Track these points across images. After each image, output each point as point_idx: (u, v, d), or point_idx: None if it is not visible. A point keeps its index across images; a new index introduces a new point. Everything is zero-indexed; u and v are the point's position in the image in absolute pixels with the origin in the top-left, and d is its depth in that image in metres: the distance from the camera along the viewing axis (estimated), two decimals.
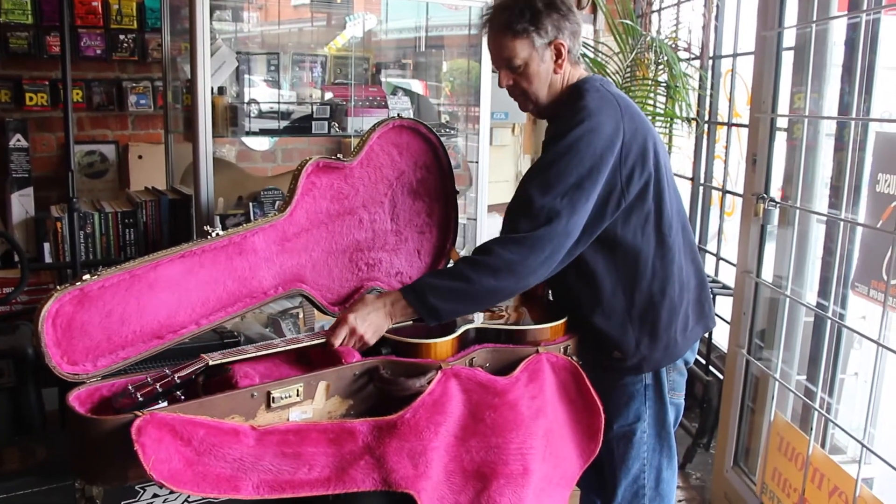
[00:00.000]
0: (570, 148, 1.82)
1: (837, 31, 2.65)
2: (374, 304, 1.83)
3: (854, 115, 2.55)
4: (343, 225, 2.08)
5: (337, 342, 1.78)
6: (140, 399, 1.49)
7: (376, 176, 2.13)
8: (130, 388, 1.52)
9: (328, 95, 3.26)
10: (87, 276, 1.61)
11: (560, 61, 1.95)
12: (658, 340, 1.98)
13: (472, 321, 1.95)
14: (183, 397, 1.55)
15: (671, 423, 2.10)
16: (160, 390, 1.53)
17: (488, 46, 1.99)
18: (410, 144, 2.19)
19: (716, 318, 2.26)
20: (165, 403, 1.53)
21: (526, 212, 1.81)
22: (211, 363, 1.63)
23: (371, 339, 1.81)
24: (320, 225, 2.03)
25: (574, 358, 1.97)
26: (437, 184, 2.25)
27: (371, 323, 1.81)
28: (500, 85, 2.00)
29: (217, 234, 1.81)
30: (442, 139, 2.28)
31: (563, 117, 1.91)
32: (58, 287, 1.59)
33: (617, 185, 1.87)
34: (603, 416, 1.95)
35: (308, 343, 1.79)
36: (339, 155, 2.07)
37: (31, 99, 3.77)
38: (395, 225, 2.18)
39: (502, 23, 1.91)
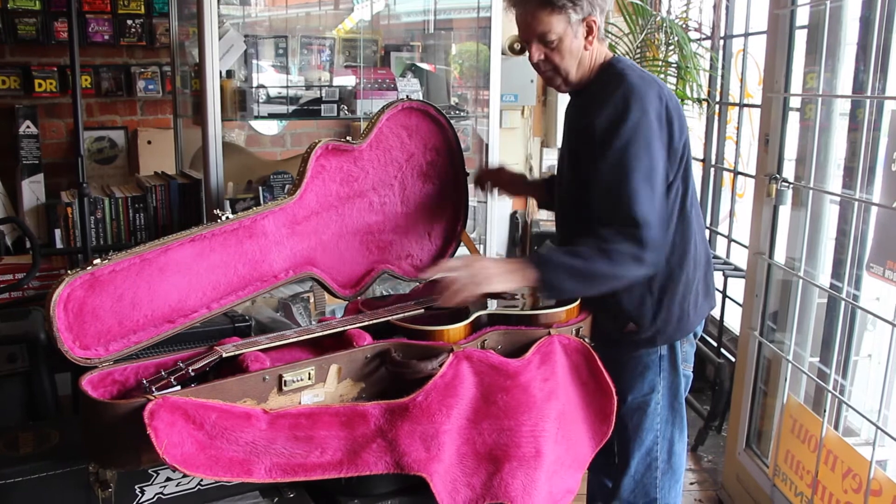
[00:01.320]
0: (639, 138, 1.85)
1: (852, 8, 2.62)
2: (495, 264, 1.86)
3: (869, 94, 2.52)
4: (353, 208, 2.07)
5: (444, 282, 1.81)
6: (155, 393, 1.49)
7: (386, 158, 2.12)
8: (145, 382, 1.52)
9: (337, 79, 3.25)
10: (97, 261, 1.61)
11: (591, 38, 1.94)
12: (672, 314, 2.01)
13: (485, 307, 1.94)
14: (194, 383, 1.55)
15: (683, 395, 2.13)
16: (175, 384, 1.53)
17: (518, 19, 1.95)
18: (420, 126, 2.18)
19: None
20: (178, 387, 1.53)
21: (624, 212, 1.83)
22: (225, 355, 1.63)
23: (472, 291, 1.81)
24: (330, 208, 2.02)
25: (587, 339, 1.96)
26: (447, 166, 2.24)
27: (484, 277, 1.81)
28: (530, 59, 1.98)
29: (227, 218, 1.81)
30: (452, 121, 2.26)
31: (609, 101, 1.89)
32: (69, 272, 1.59)
33: (668, 160, 1.92)
34: (615, 398, 1.95)
35: (320, 333, 1.78)
36: (348, 138, 2.05)
37: (39, 85, 3.77)
38: (405, 207, 2.17)
39: None
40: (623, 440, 2.11)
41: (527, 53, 1.98)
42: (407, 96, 2.27)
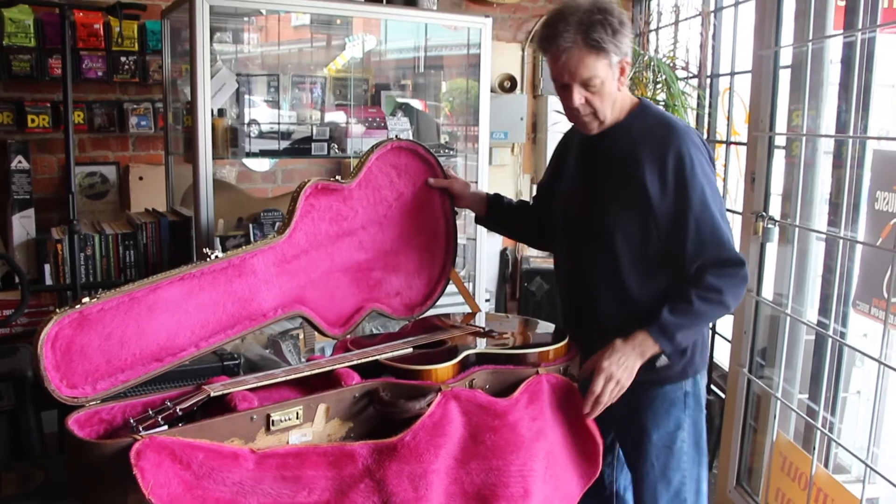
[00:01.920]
0: (708, 180, 1.91)
1: (834, 50, 2.67)
2: (623, 349, 1.88)
3: (851, 133, 2.56)
4: (342, 246, 2.08)
5: (597, 389, 1.86)
6: (142, 432, 1.49)
7: (375, 197, 2.14)
8: (133, 421, 1.52)
9: (328, 116, 3.27)
10: (86, 299, 1.61)
11: (623, 79, 1.93)
12: (697, 345, 2.02)
13: (473, 346, 1.94)
14: (181, 423, 1.55)
15: (705, 431, 2.10)
16: (162, 423, 1.52)
17: (558, 63, 1.89)
18: (409, 165, 2.20)
19: None
20: (166, 427, 1.52)
21: (725, 255, 1.90)
22: (213, 394, 1.63)
23: (627, 382, 1.88)
24: (319, 246, 2.03)
25: (574, 377, 1.97)
26: (436, 204, 2.26)
27: (627, 367, 1.87)
28: (568, 104, 1.94)
29: (216, 257, 1.81)
30: (441, 159, 2.28)
31: (668, 149, 1.89)
32: (57, 310, 1.59)
33: None
34: (600, 441, 1.95)
35: (308, 373, 1.78)
36: (337, 177, 2.07)
37: (32, 121, 3.77)
38: (394, 246, 2.18)
39: (589, 41, 1.83)
40: (650, 481, 2.05)
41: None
42: (396, 136, 2.29)
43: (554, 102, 4.83)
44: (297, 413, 1.66)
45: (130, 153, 4.13)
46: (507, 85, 4.85)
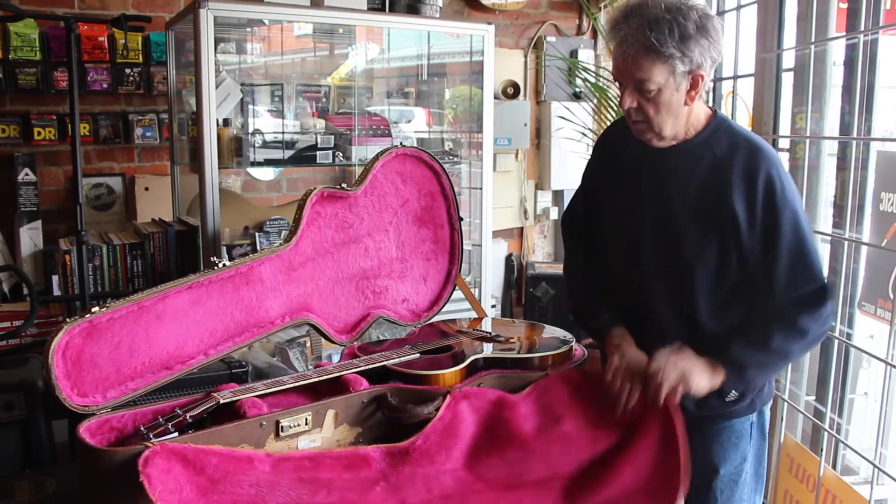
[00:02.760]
0: (798, 203, 1.76)
1: (836, 52, 2.68)
2: (689, 358, 1.74)
3: (855, 135, 2.57)
4: (349, 253, 2.09)
5: (668, 383, 1.72)
6: (153, 440, 1.50)
7: (381, 204, 2.15)
8: (143, 429, 1.53)
9: (332, 125, 3.29)
10: (95, 309, 1.63)
11: (694, 93, 1.73)
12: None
13: (480, 351, 1.95)
14: (191, 430, 1.56)
15: (766, 460, 2.01)
16: (172, 430, 1.54)
17: (615, 56, 1.75)
18: (414, 172, 2.21)
19: None
20: (176, 434, 1.54)
21: (815, 290, 1.75)
22: (222, 401, 1.64)
23: (695, 390, 1.73)
24: (326, 254, 2.04)
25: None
26: (441, 211, 2.27)
27: (682, 369, 1.73)
28: (621, 105, 1.76)
29: (224, 265, 1.83)
30: (445, 166, 2.30)
31: (758, 172, 1.73)
32: (67, 320, 1.61)
33: None
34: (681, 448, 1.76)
35: (316, 379, 1.79)
36: (343, 184, 2.09)
37: (38, 133, 3.80)
38: (400, 252, 2.19)
39: (645, 40, 1.66)
40: None
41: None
42: (401, 143, 2.31)
43: (557, 108, 4.85)
44: (307, 419, 1.67)
45: (136, 164, 4.15)
46: (511, 91, 4.86)
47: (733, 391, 1.84)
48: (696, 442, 1.81)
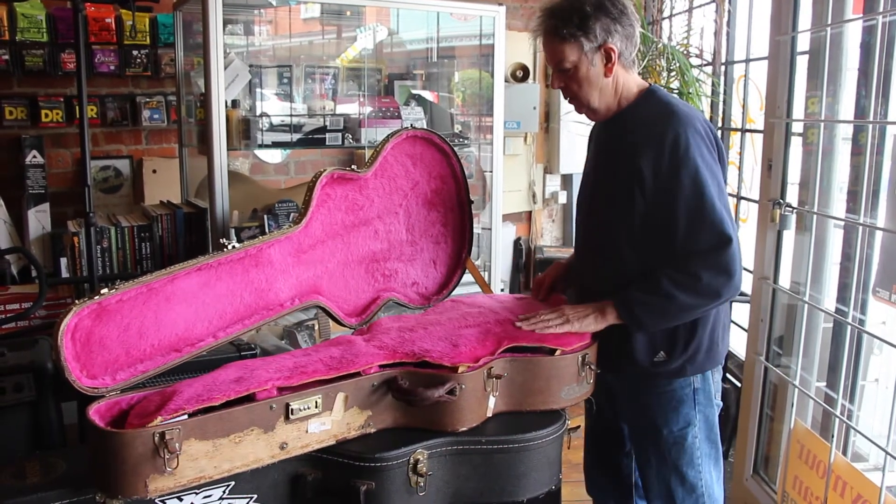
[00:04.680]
0: (703, 162, 1.86)
1: (853, 35, 2.64)
2: (588, 307, 1.96)
3: (871, 119, 2.53)
4: (358, 236, 2.08)
5: (545, 316, 1.95)
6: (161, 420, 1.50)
7: (391, 186, 2.13)
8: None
9: (340, 107, 3.27)
10: (105, 290, 1.62)
11: (610, 65, 1.92)
12: (702, 343, 1.99)
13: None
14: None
15: (717, 426, 2.09)
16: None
17: (543, 48, 1.99)
18: (424, 154, 2.19)
19: None
20: (185, 416, 1.53)
21: (713, 243, 1.85)
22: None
23: (576, 328, 1.93)
24: (336, 236, 2.03)
25: (592, 366, 1.95)
26: (451, 193, 2.25)
27: (580, 317, 1.94)
28: (552, 85, 2.02)
29: (234, 247, 1.81)
30: (455, 148, 2.28)
31: (666, 132, 1.87)
32: (76, 301, 1.60)
33: None
34: None
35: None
36: (353, 166, 2.07)
37: (46, 116, 3.79)
38: (410, 235, 2.18)
39: (551, 27, 1.91)
40: (663, 475, 2.06)
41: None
42: (411, 125, 2.29)
43: None
44: (317, 402, 1.66)
45: (143, 146, 4.14)
46: (520, 74, 4.83)
47: (661, 352, 1.97)
48: (639, 405, 2.06)
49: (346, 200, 2.05)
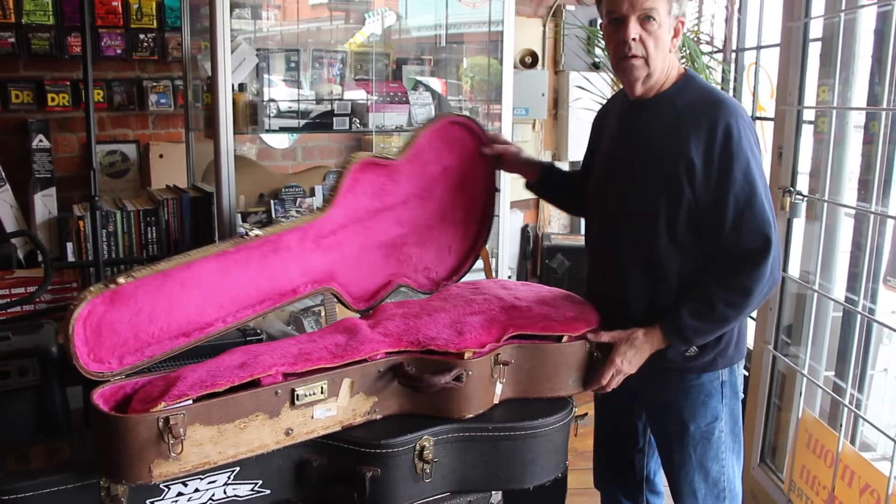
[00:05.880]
0: (752, 152, 1.81)
1: (866, 21, 2.60)
2: (640, 347, 1.89)
3: (885, 107, 2.50)
4: (381, 221, 2.04)
5: (603, 381, 1.90)
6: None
7: (421, 172, 2.09)
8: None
9: (348, 92, 3.25)
10: (121, 279, 1.59)
11: (676, 40, 1.85)
12: (731, 336, 1.95)
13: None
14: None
15: (741, 419, 2.06)
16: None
17: None
18: (459, 140, 2.14)
19: None
20: (190, 401, 1.52)
21: (757, 246, 1.80)
22: None
23: (633, 371, 1.90)
24: (357, 221, 1.99)
25: (596, 354, 1.93)
26: (479, 180, 2.22)
27: (636, 363, 1.89)
28: (621, 38, 1.82)
29: (256, 235, 1.79)
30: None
31: (717, 121, 1.79)
32: (91, 289, 1.58)
33: None
34: None
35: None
36: (385, 154, 2.04)
37: (52, 99, 3.78)
38: (432, 220, 2.14)
39: None
40: (687, 471, 2.01)
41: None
42: (450, 112, 2.24)
43: (576, 78, 4.78)
44: (322, 388, 1.65)
45: (150, 131, 4.13)
46: (529, 60, 4.79)
47: (694, 346, 1.92)
48: (666, 400, 2.00)
49: (374, 186, 2.01)
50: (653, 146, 1.89)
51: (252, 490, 1.66)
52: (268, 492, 1.68)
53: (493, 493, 1.85)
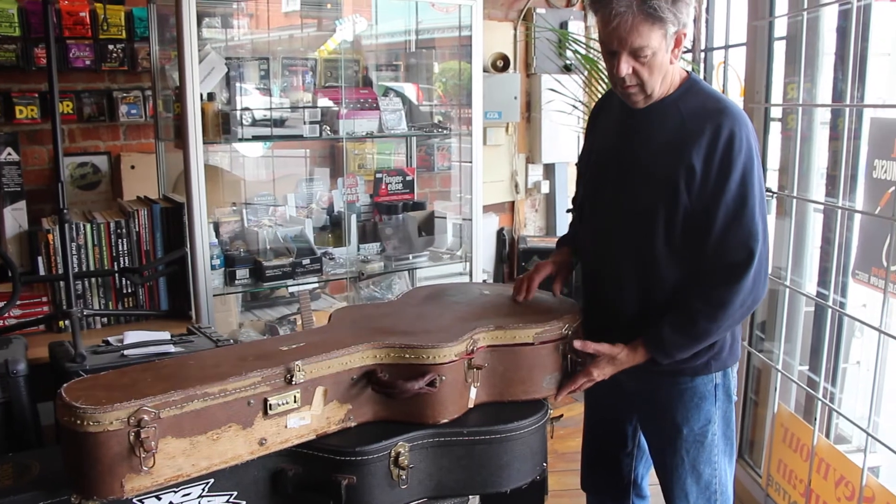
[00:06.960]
0: (751, 166, 1.78)
1: (829, 19, 2.64)
2: (621, 363, 1.90)
3: (848, 103, 2.54)
4: None
5: (574, 387, 1.91)
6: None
7: None
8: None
9: (319, 99, 3.24)
10: None
11: (677, 51, 1.78)
12: (725, 339, 1.94)
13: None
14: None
15: (734, 422, 2.05)
16: None
17: (609, 29, 1.73)
18: None
19: None
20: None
21: (740, 259, 1.79)
22: None
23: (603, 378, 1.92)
24: None
25: (570, 356, 1.92)
26: None
27: (609, 374, 1.91)
28: (615, 72, 1.78)
29: None
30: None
31: (721, 128, 1.76)
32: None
33: None
34: None
35: None
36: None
37: (20, 112, 3.74)
38: None
39: (647, 7, 1.68)
40: (680, 474, 2.00)
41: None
42: None
43: (548, 81, 4.80)
44: (295, 396, 1.64)
45: (122, 142, 4.09)
46: (500, 64, 4.81)
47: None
48: (658, 403, 1.98)
49: None
50: (655, 152, 1.86)
51: (227, 501, 1.65)
52: (243, 502, 1.67)
53: (471, 497, 1.85)
